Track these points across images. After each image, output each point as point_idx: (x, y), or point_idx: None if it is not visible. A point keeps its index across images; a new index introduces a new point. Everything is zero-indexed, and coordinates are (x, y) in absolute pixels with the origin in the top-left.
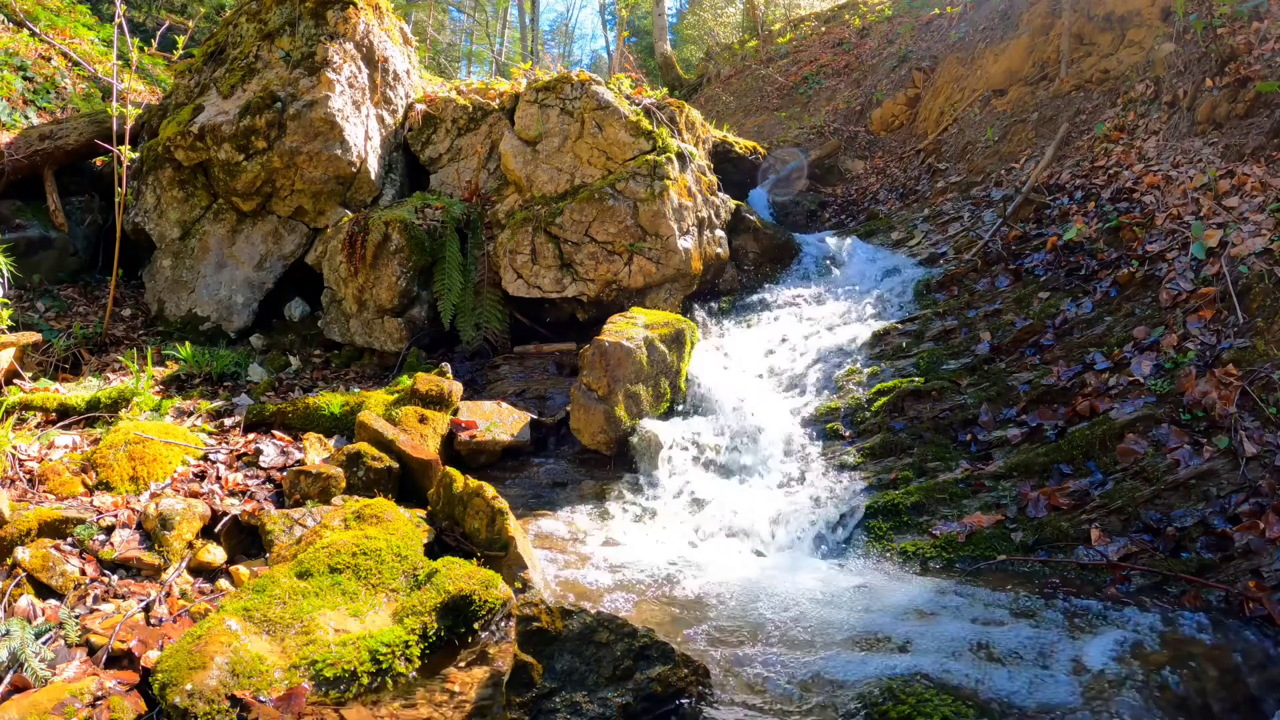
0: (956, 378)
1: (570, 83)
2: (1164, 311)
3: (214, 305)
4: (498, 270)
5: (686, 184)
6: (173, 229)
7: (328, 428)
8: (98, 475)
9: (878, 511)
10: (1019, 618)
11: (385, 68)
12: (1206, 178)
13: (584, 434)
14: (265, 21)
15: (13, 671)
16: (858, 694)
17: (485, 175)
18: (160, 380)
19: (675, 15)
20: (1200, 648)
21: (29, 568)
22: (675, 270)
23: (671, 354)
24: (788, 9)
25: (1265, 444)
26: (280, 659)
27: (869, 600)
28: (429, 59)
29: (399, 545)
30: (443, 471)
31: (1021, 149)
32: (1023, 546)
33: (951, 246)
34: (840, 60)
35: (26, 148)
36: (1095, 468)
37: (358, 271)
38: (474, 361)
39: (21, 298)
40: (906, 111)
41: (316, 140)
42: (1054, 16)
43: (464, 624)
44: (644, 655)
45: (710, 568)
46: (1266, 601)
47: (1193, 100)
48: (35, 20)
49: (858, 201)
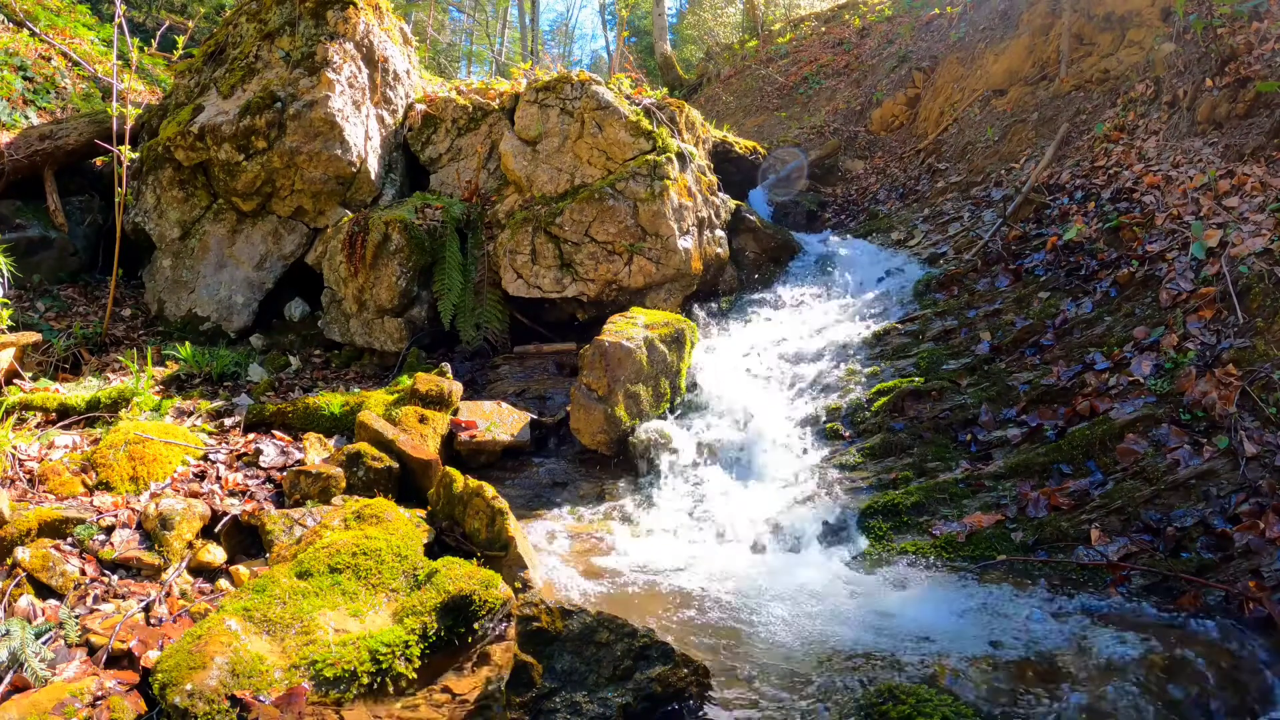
0: (956, 378)
1: (570, 83)
2: (1164, 311)
3: (214, 305)
4: (498, 270)
5: (686, 184)
6: (173, 229)
7: (328, 428)
8: (98, 475)
9: (877, 511)
10: (1019, 617)
11: (385, 68)
12: (1206, 178)
13: (584, 434)
14: (265, 21)
15: (13, 671)
16: (857, 694)
17: (485, 175)
18: (160, 380)
19: (675, 15)
20: (1200, 648)
21: (29, 568)
22: (675, 270)
23: (671, 354)
24: (788, 9)
25: (1265, 444)
26: (280, 659)
27: (869, 600)
28: (429, 59)
29: (399, 545)
30: (443, 471)
31: (1021, 149)
32: (1023, 546)
33: (951, 246)
34: (840, 60)
35: (26, 148)
36: (1095, 468)
37: (358, 271)
38: (474, 361)
39: (21, 298)
40: (906, 111)
41: (316, 140)
42: (1054, 16)
43: (464, 624)
44: (644, 655)
45: (710, 567)
46: (1266, 601)
47: (1193, 100)
48: (35, 20)
49: (858, 201)
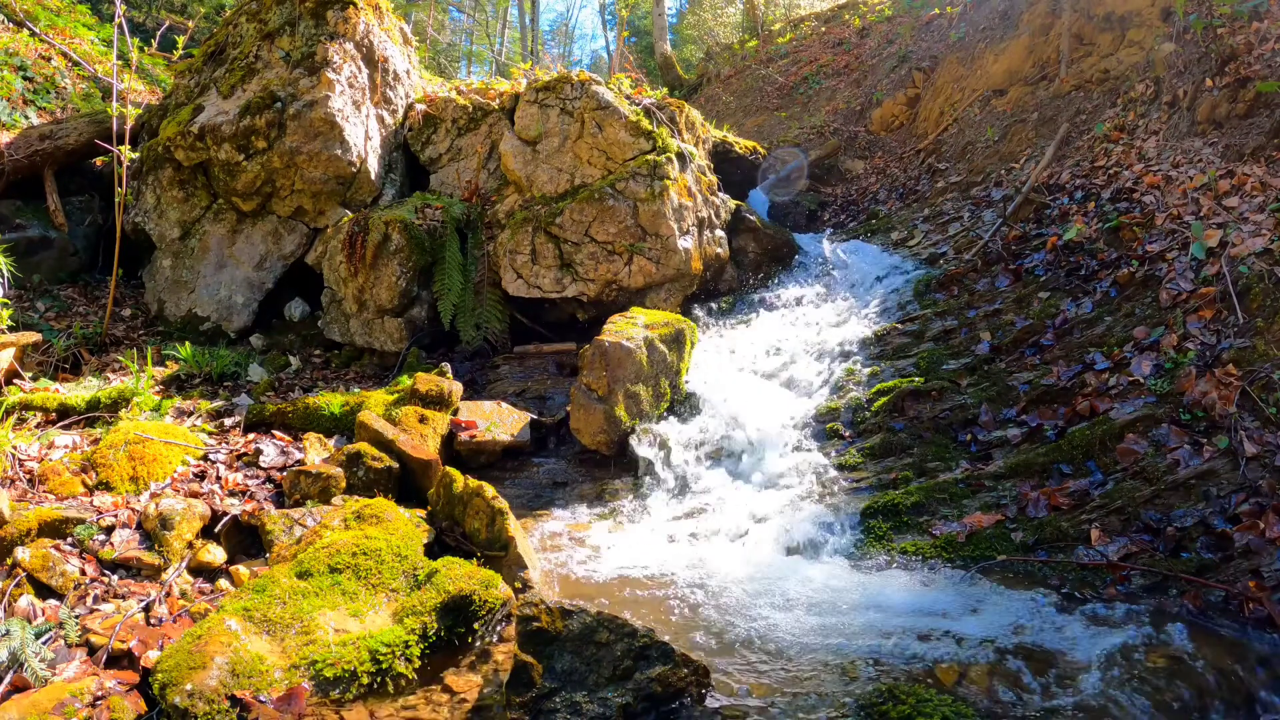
0: (956, 378)
1: (570, 83)
2: (1164, 311)
3: (214, 305)
4: (498, 270)
5: (686, 184)
6: (173, 229)
7: (328, 428)
8: (98, 475)
9: (878, 511)
10: (1019, 617)
11: (385, 68)
12: (1206, 178)
13: (584, 434)
14: (265, 21)
15: (13, 671)
16: (857, 693)
17: (485, 175)
18: (160, 380)
19: (675, 15)
20: (1200, 648)
21: (29, 568)
22: (675, 270)
23: (671, 354)
24: (788, 9)
25: (1265, 444)
26: (280, 659)
27: (869, 600)
28: (429, 59)
29: (399, 545)
30: (443, 471)
31: (1021, 149)
32: (1023, 546)
33: (951, 246)
34: (840, 60)
35: (26, 148)
36: (1095, 468)
37: (358, 271)
38: (474, 361)
39: (21, 298)
40: (906, 111)
41: (316, 140)
42: (1054, 16)
43: (464, 624)
44: (644, 655)
45: (710, 567)
46: (1266, 601)
47: (1193, 100)
48: (35, 20)
49: (858, 201)
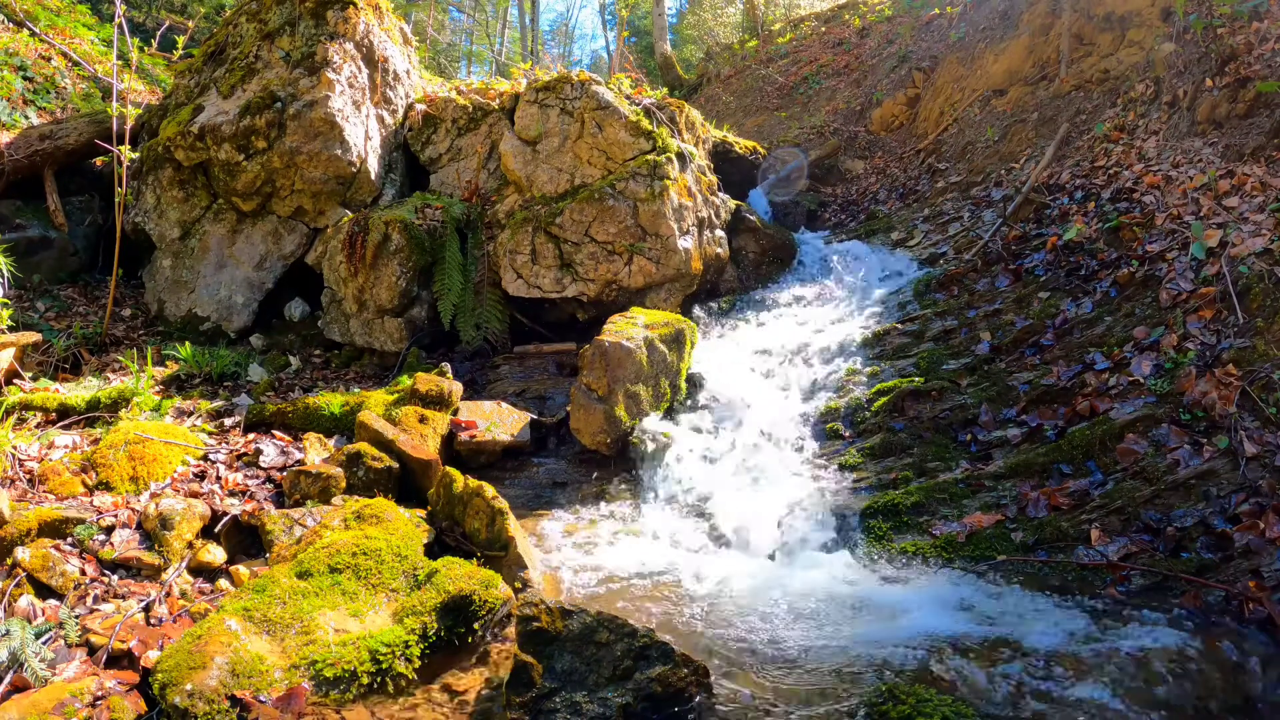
0: (956, 378)
1: (570, 83)
2: (1164, 311)
3: (214, 305)
4: (498, 270)
5: (686, 184)
6: (173, 229)
7: (328, 428)
8: (98, 475)
9: (878, 511)
10: (1019, 618)
11: (385, 68)
12: (1206, 178)
13: (584, 434)
14: (265, 21)
15: (13, 671)
16: (857, 693)
17: (485, 175)
18: (160, 380)
19: (675, 15)
20: (1200, 648)
21: (29, 568)
22: (675, 270)
23: (671, 354)
24: (788, 9)
25: (1265, 444)
26: (280, 659)
27: (868, 600)
28: (429, 59)
29: (399, 545)
30: (443, 471)
31: (1021, 149)
32: (1023, 546)
33: (951, 246)
34: (840, 60)
35: (26, 148)
36: (1095, 468)
37: (358, 271)
38: (474, 361)
39: (21, 298)
40: (906, 111)
41: (316, 140)
42: (1054, 16)
43: (464, 624)
44: (644, 655)
45: (710, 567)
46: (1266, 601)
47: (1193, 100)
48: (35, 20)
49: (858, 201)
